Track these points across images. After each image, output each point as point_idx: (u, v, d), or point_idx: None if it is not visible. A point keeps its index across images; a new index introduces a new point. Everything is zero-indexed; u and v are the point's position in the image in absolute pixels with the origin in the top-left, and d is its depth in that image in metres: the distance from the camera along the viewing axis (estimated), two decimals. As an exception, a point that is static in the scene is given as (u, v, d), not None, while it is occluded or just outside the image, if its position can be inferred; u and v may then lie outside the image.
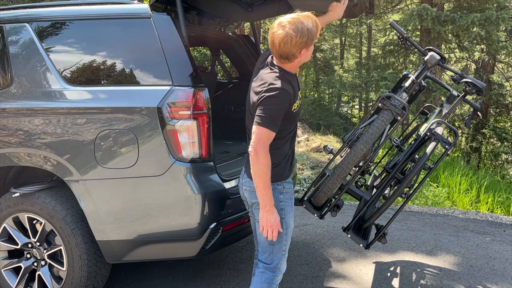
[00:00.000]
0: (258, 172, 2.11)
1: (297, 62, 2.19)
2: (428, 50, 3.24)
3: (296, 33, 2.07)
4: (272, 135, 2.12)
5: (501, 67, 14.97)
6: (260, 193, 2.14)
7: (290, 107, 2.17)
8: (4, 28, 3.00)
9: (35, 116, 2.85)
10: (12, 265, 3.04)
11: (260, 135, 2.10)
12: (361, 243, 3.09)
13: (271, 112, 2.09)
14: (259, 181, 2.12)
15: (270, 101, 2.09)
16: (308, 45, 2.14)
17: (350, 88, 13.44)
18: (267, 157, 2.11)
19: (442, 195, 6.09)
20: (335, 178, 3.05)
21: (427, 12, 9.12)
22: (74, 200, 2.86)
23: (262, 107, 2.10)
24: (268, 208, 2.17)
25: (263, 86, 2.14)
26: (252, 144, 2.11)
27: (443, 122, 3.07)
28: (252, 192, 2.26)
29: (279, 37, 2.08)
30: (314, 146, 8.94)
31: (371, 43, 21.45)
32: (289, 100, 2.13)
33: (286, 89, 2.11)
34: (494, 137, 12.22)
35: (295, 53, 2.12)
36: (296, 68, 2.25)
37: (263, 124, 2.09)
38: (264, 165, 2.10)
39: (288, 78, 2.18)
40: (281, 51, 2.12)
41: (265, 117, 2.09)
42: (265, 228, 2.19)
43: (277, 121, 2.12)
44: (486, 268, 3.62)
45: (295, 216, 4.83)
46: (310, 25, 2.11)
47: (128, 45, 2.81)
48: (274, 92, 2.09)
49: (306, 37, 2.09)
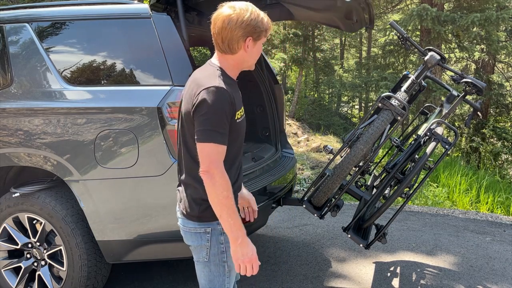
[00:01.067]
0: (217, 199, 1.72)
1: (241, 57, 1.82)
2: (428, 50, 3.25)
3: (244, 15, 1.74)
4: (223, 149, 1.74)
5: (501, 67, 14.97)
6: (227, 224, 1.74)
7: (233, 113, 1.78)
8: (4, 28, 3.00)
9: (35, 116, 2.85)
10: (12, 265, 3.04)
11: (208, 152, 1.71)
12: (361, 243, 3.09)
13: (212, 120, 1.71)
14: (222, 209, 1.72)
15: (207, 106, 1.70)
16: (256, 36, 1.79)
17: (350, 88, 13.44)
18: (224, 178, 1.72)
19: (442, 195, 6.09)
20: (335, 178, 3.05)
21: (427, 12, 9.12)
22: (74, 200, 2.86)
23: (200, 118, 1.72)
24: (241, 240, 1.74)
25: (196, 88, 1.76)
26: (202, 167, 1.72)
27: (443, 122, 3.07)
28: (187, 233, 1.90)
29: (223, 15, 1.75)
30: (314, 146, 8.94)
31: (371, 43, 21.43)
32: (230, 102, 1.74)
33: (223, 87, 1.73)
34: (494, 137, 12.22)
35: (239, 40, 1.76)
36: (238, 71, 1.89)
37: (207, 138, 1.71)
38: (224, 188, 1.71)
39: (227, 81, 1.79)
40: (223, 33, 1.76)
41: (206, 129, 1.71)
42: (242, 264, 1.77)
43: (223, 129, 1.73)
44: (486, 268, 3.62)
45: (295, 216, 4.85)
46: (262, 17, 1.81)
47: (128, 45, 2.81)
48: (210, 93, 1.71)
49: (255, 24, 1.76)
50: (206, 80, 1.75)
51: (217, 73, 1.79)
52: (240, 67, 1.87)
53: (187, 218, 1.88)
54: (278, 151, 3.93)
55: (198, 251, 1.90)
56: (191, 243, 1.91)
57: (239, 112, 1.82)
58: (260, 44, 1.84)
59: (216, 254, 1.87)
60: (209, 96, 1.70)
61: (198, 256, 1.90)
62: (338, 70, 19.33)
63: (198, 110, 1.72)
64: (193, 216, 1.85)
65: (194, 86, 1.78)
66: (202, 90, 1.72)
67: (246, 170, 3.28)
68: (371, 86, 12.00)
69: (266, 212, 3.37)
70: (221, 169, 1.72)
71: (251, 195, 2.21)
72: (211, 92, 1.71)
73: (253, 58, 1.86)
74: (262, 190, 3.17)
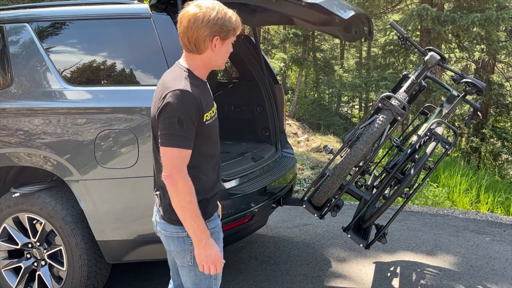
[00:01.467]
0: (180, 204, 1.71)
1: (208, 57, 1.78)
2: (428, 50, 3.25)
3: (211, 14, 1.70)
4: (187, 154, 1.71)
5: (501, 67, 14.97)
6: (190, 228, 1.73)
7: (200, 116, 1.74)
8: (4, 28, 3.00)
9: (35, 116, 2.84)
10: (12, 265, 3.04)
11: (171, 157, 1.69)
12: (361, 243, 3.09)
13: (176, 124, 1.67)
14: (185, 214, 1.72)
15: (171, 109, 1.67)
16: (223, 35, 1.75)
17: (350, 88, 13.44)
18: (187, 183, 1.71)
19: (442, 195, 6.09)
20: (335, 178, 3.05)
21: (427, 12, 9.12)
22: (74, 200, 2.86)
23: (164, 122, 1.69)
24: (205, 242, 1.74)
25: (163, 91, 1.73)
26: (165, 171, 1.71)
27: (443, 122, 3.07)
28: (169, 238, 1.86)
29: (189, 14, 1.71)
30: (314, 146, 8.94)
31: (371, 43, 21.42)
32: (195, 105, 1.70)
33: (189, 90, 1.69)
34: (494, 137, 12.22)
35: (206, 40, 1.72)
36: (207, 71, 1.85)
37: (170, 143, 1.69)
38: (187, 193, 1.70)
39: (194, 83, 1.75)
40: (189, 33, 1.72)
41: (170, 134, 1.68)
42: (205, 265, 1.77)
43: (188, 134, 1.70)
44: (486, 268, 3.62)
45: (295, 216, 4.85)
46: (230, 15, 1.76)
47: (128, 45, 2.81)
48: (175, 96, 1.67)
49: (222, 23, 1.72)
50: (172, 83, 1.72)
51: (184, 74, 1.75)
52: (209, 67, 1.83)
53: (168, 222, 1.84)
54: (278, 151, 3.93)
55: (182, 256, 1.86)
56: (174, 248, 1.86)
57: (208, 113, 1.78)
58: (228, 43, 1.81)
59: None
60: (173, 99, 1.67)
61: (183, 260, 1.86)
62: (338, 70, 19.32)
63: (163, 113, 1.70)
64: (175, 220, 1.80)
65: (161, 89, 1.76)
66: (167, 93, 1.69)
67: (246, 170, 3.28)
68: (371, 86, 12.00)
69: (266, 212, 3.38)
70: (183, 174, 1.70)
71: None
72: (175, 95, 1.68)
73: (221, 58, 1.82)
74: (262, 190, 3.17)
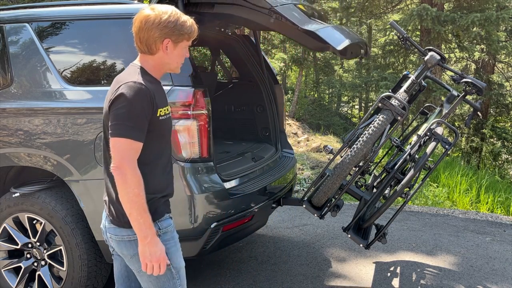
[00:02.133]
0: (127, 196, 1.64)
1: (160, 59, 1.78)
2: (428, 50, 3.25)
3: (162, 17, 1.71)
4: (138, 146, 1.67)
5: (501, 67, 14.97)
6: (136, 223, 1.66)
7: (154, 110, 1.72)
8: (4, 28, 3.00)
9: (35, 116, 2.85)
10: (12, 265, 3.04)
11: (120, 148, 1.65)
12: (361, 243, 3.09)
13: (128, 114, 1.65)
14: (132, 207, 1.65)
15: (123, 99, 1.66)
16: (174, 39, 1.74)
17: (350, 88, 13.44)
18: (136, 175, 1.65)
19: (442, 195, 6.09)
20: (335, 178, 3.05)
21: (427, 12, 9.11)
22: (74, 200, 2.86)
23: (115, 112, 1.66)
24: (150, 239, 1.68)
25: (115, 85, 1.73)
26: (113, 163, 1.66)
27: (443, 122, 3.07)
28: (121, 242, 1.78)
29: (141, 15, 1.74)
30: (314, 146, 8.94)
31: (371, 43, 21.43)
32: (149, 97, 1.69)
33: (143, 83, 1.69)
34: (494, 137, 12.22)
35: (156, 41, 1.72)
36: (160, 72, 1.83)
37: (120, 133, 1.64)
38: (135, 185, 1.65)
39: (148, 79, 1.75)
40: (140, 34, 1.73)
41: (121, 124, 1.65)
42: (149, 264, 1.69)
43: (140, 125, 1.67)
44: (486, 268, 3.62)
45: (295, 216, 4.85)
46: (184, 20, 1.76)
47: (128, 45, 2.80)
48: (128, 88, 1.67)
49: (173, 26, 1.72)
50: (125, 77, 1.74)
51: (137, 71, 1.77)
52: (161, 69, 1.82)
53: (119, 226, 1.76)
54: (278, 151, 3.93)
55: (136, 260, 1.76)
56: (127, 252, 1.78)
57: (163, 109, 1.77)
58: (182, 47, 1.79)
59: None
60: (126, 91, 1.67)
61: (139, 265, 1.76)
62: (338, 70, 19.33)
63: (114, 104, 1.68)
64: (126, 222, 1.73)
65: (114, 85, 1.77)
66: (120, 85, 1.69)
67: (246, 170, 3.28)
68: (371, 86, 12.01)
69: (266, 212, 3.38)
70: (133, 166, 1.66)
71: None
72: (128, 86, 1.68)
73: (174, 61, 1.81)
74: (262, 190, 3.17)
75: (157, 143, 1.78)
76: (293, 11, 2.96)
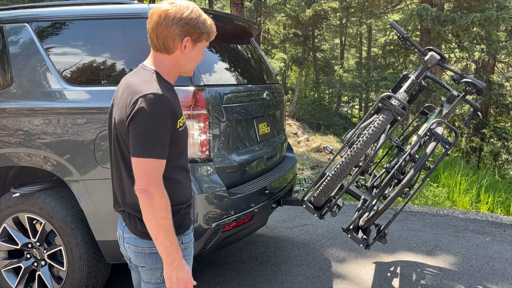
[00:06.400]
0: (155, 220, 1.54)
1: (177, 59, 1.66)
2: (428, 50, 3.25)
3: (184, 12, 1.59)
4: (162, 164, 1.57)
5: (501, 67, 14.98)
6: (163, 247, 1.57)
7: (175, 122, 1.60)
8: (4, 28, 3.00)
9: (35, 116, 2.85)
10: (12, 265, 3.04)
11: (146, 168, 1.53)
12: (361, 243, 3.09)
13: (151, 132, 1.52)
14: (159, 231, 1.55)
15: (144, 116, 1.52)
16: (195, 37, 1.64)
17: (350, 88, 13.44)
18: (164, 197, 1.55)
19: (442, 195, 6.09)
20: (335, 178, 3.05)
21: (427, 12, 9.11)
22: (74, 200, 2.86)
23: (137, 130, 1.53)
24: (177, 263, 1.59)
25: (132, 95, 1.56)
26: (139, 185, 1.54)
27: (443, 122, 3.07)
28: (140, 254, 1.70)
29: (160, 10, 1.60)
30: (314, 146, 8.94)
31: (371, 43, 21.44)
32: (170, 110, 1.56)
33: (164, 95, 1.55)
34: (494, 137, 12.22)
35: (175, 39, 1.60)
36: (175, 75, 1.71)
37: (145, 153, 1.53)
38: (163, 208, 1.55)
39: (166, 86, 1.62)
40: (158, 29, 1.61)
41: (144, 143, 1.52)
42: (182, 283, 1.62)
43: (163, 142, 1.56)
44: (486, 268, 3.62)
45: (295, 216, 4.85)
46: (205, 18, 1.65)
47: (128, 45, 2.81)
48: (150, 102, 1.52)
49: (194, 24, 1.61)
50: (143, 86, 1.57)
51: (153, 77, 1.62)
52: (177, 71, 1.70)
53: (141, 237, 1.67)
54: (278, 151, 3.93)
55: (151, 272, 1.71)
56: (145, 264, 1.70)
57: (181, 119, 1.65)
58: (200, 47, 1.68)
59: None
60: (147, 105, 1.52)
61: (151, 277, 1.71)
62: (338, 70, 19.34)
63: (135, 120, 1.53)
64: (148, 233, 1.62)
65: (128, 92, 1.59)
66: (139, 98, 1.53)
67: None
68: (371, 86, 12.01)
69: (266, 212, 3.37)
70: (160, 188, 1.55)
71: None
72: (149, 99, 1.52)
73: (191, 62, 1.70)
74: (262, 190, 3.17)
75: (179, 154, 1.68)
76: None
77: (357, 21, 18.00)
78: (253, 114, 3.20)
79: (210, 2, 17.22)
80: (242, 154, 3.07)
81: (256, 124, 3.27)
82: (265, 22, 17.23)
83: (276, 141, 3.63)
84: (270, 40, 17.13)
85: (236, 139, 3.01)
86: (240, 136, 3.06)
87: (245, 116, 3.10)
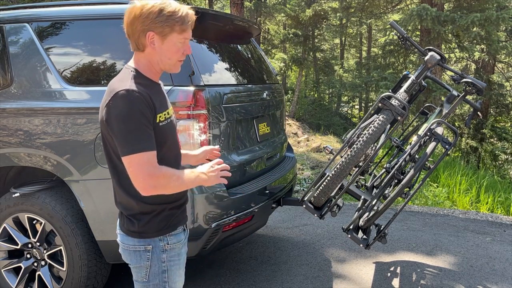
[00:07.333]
0: (173, 190, 1.63)
1: (150, 55, 1.63)
2: (428, 50, 3.25)
3: (144, 7, 1.56)
4: (153, 154, 1.56)
5: (501, 67, 14.98)
6: (186, 186, 1.66)
7: (153, 117, 1.59)
8: (4, 28, 3.00)
9: (35, 116, 2.85)
10: (12, 265, 3.04)
11: (138, 165, 1.54)
12: (361, 243, 3.09)
13: (129, 128, 1.52)
14: (180, 187, 1.65)
15: (119, 113, 1.52)
16: (159, 32, 1.58)
17: (350, 88, 13.45)
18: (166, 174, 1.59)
19: (442, 195, 6.09)
20: (335, 178, 3.05)
21: (427, 12, 9.11)
22: (74, 200, 2.86)
23: (116, 127, 1.53)
24: (199, 179, 1.66)
25: (108, 94, 1.58)
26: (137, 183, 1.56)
27: (443, 122, 3.07)
28: (126, 251, 1.73)
29: (127, 9, 1.60)
30: (314, 146, 8.94)
31: (371, 43, 21.43)
32: (145, 102, 1.55)
33: (136, 89, 1.54)
34: (494, 137, 12.22)
35: (140, 36, 1.59)
36: (156, 71, 1.68)
37: (130, 149, 1.53)
38: (172, 179, 1.59)
39: (142, 82, 1.60)
40: (127, 28, 1.61)
41: (126, 141, 1.53)
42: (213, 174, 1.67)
43: (146, 133, 1.55)
44: (486, 268, 3.62)
45: (295, 216, 4.85)
46: (174, 10, 1.58)
47: (128, 45, 2.80)
48: (120, 98, 1.52)
49: (155, 17, 1.56)
50: (118, 84, 1.58)
51: (130, 75, 1.61)
52: (155, 67, 1.66)
53: (127, 234, 1.71)
54: (278, 151, 3.93)
55: (136, 270, 1.74)
56: (130, 262, 1.73)
57: (162, 114, 1.63)
58: (172, 42, 1.61)
59: (156, 273, 1.71)
60: (120, 102, 1.52)
61: (137, 275, 1.74)
62: (338, 70, 19.33)
63: (112, 118, 1.54)
64: (134, 231, 1.68)
65: (106, 92, 1.61)
66: (112, 96, 1.54)
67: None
68: (371, 86, 12.01)
69: (266, 212, 3.37)
70: (158, 173, 1.56)
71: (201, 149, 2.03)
72: (120, 96, 1.53)
73: (165, 57, 1.63)
74: (262, 190, 3.17)
75: (160, 150, 1.63)
76: None
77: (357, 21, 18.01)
78: (253, 114, 3.20)
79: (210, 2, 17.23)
80: (242, 154, 3.07)
81: (256, 124, 3.27)
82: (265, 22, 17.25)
83: (276, 141, 3.63)
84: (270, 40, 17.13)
85: (236, 139, 3.01)
86: (240, 136, 3.06)
87: (245, 116, 3.10)
